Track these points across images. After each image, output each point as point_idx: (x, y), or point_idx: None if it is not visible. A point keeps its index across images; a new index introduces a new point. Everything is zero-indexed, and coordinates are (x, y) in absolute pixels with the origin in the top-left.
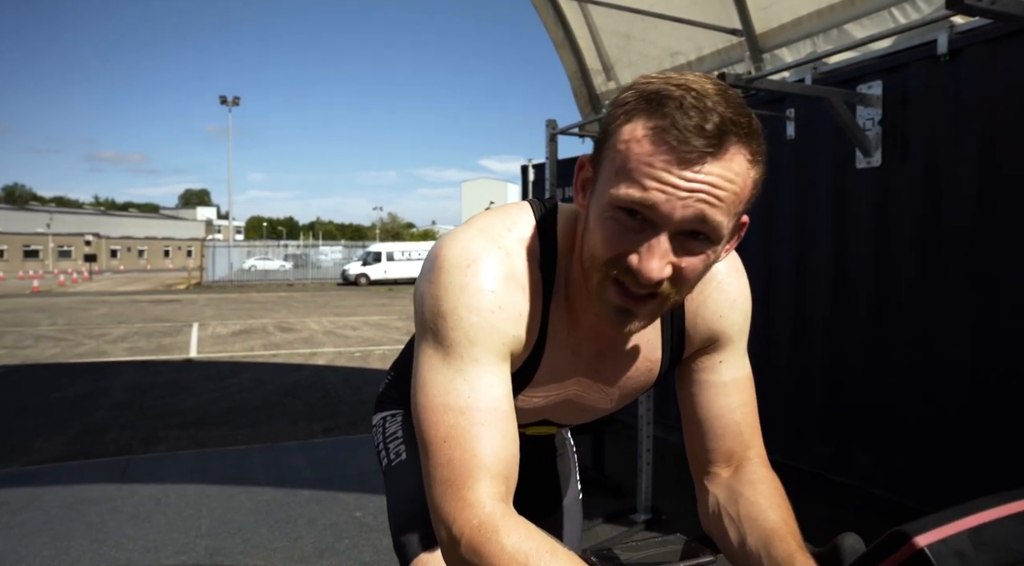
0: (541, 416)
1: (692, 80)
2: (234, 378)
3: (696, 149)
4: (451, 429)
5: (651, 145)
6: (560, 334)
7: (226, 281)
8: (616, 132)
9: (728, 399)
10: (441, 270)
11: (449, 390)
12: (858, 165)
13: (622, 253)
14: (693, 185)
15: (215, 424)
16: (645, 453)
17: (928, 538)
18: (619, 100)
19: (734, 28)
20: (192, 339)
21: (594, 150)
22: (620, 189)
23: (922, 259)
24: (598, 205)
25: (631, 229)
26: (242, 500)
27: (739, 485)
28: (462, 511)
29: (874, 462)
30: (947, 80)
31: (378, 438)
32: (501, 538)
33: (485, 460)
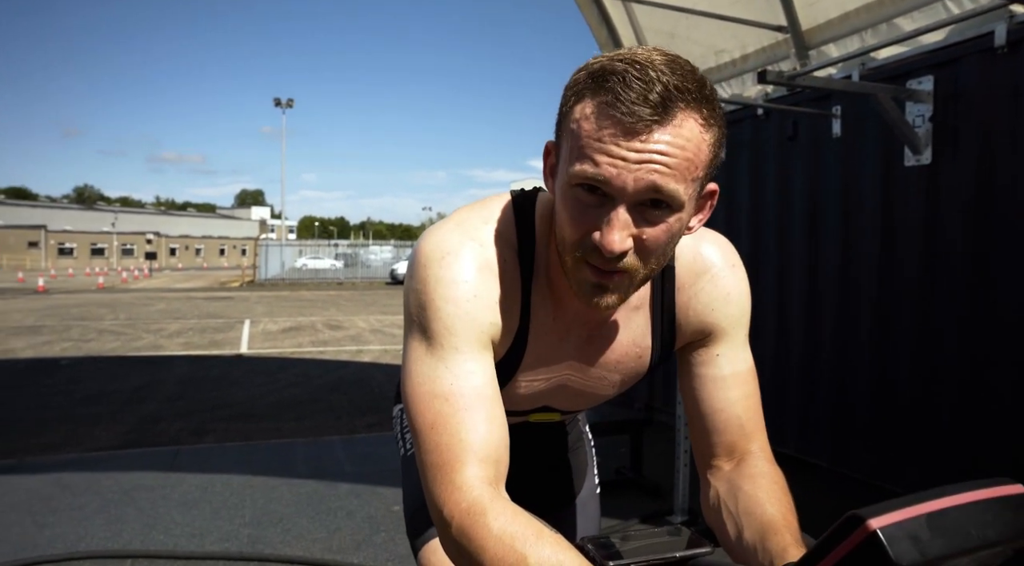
0: (540, 402)
1: (638, 53)
2: (282, 373)
3: (641, 118)
4: (437, 416)
5: (598, 120)
6: (545, 320)
7: (278, 279)
8: (569, 113)
9: (728, 393)
10: (419, 264)
11: (433, 378)
12: (907, 163)
13: (587, 231)
14: (642, 156)
15: (262, 417)
16: (683, 455)
17: (882, 521)
18: (570, 82)
19: (779, 25)
20: (243, 335)
21: (555, 135)
22: (575, 167)
23: (973, 260)
24: (560, 186)
25: (591, 205)
26: (284, 491)
27: (739, 479)
28: (451, 494)
29: None
30: (1005, 74)
31: (396, 429)
32: (488, 520)
33: (471, 444)
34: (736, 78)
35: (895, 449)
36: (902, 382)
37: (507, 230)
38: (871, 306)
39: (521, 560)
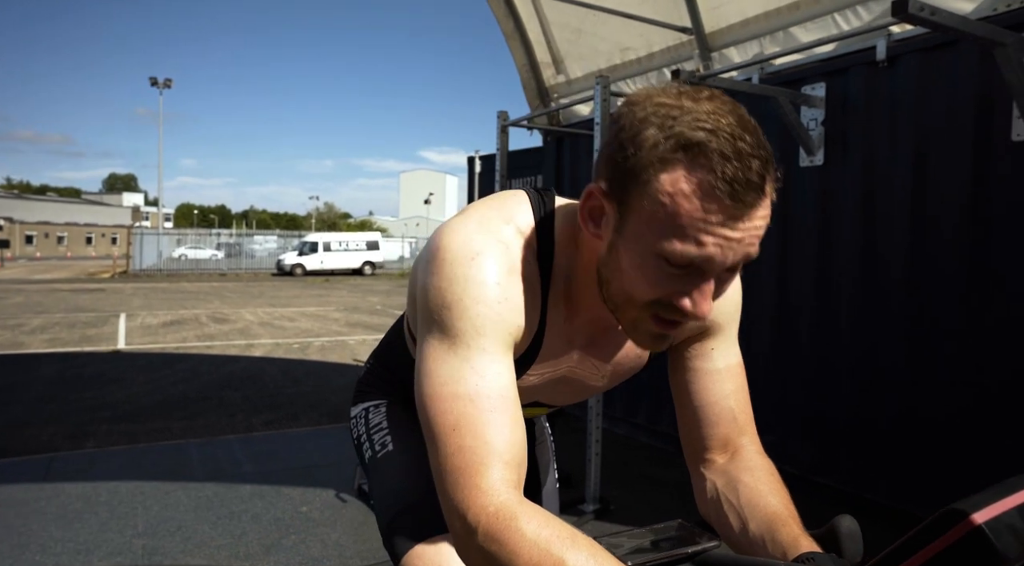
0: (534, 397)
1: (716, 112)
2: (167, 370)
3: (748, 203)
4: (460, 417)
5: (701, 202)
6: (557, 324)
7: (155, 270)
8: (652, 180)
9: (722, 386)
10: (445, 262)
11: (457, 379)
12: (801, 164)
13: (667, 295)
14: (746, 234)
15: (148, 417)
16: (594, 444)
17: (984, 515)
18: (642, 140)
19: (684, 26)
20: (120, 330)
21: (613, 185)
22: (675, 245)
23: (860, 255)
24: (635, 250)
25: (676, 275)
26: (180, 496)
27: (737, 471)
28: (476, 498)
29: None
30: (885, 85)
31: (359, 430)
32: (520, 525)
33: (497, 447)
34: (641, 76)
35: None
36: (802, 373)
37: (529, 234)
38: (771, 300)
39: (559, 562)
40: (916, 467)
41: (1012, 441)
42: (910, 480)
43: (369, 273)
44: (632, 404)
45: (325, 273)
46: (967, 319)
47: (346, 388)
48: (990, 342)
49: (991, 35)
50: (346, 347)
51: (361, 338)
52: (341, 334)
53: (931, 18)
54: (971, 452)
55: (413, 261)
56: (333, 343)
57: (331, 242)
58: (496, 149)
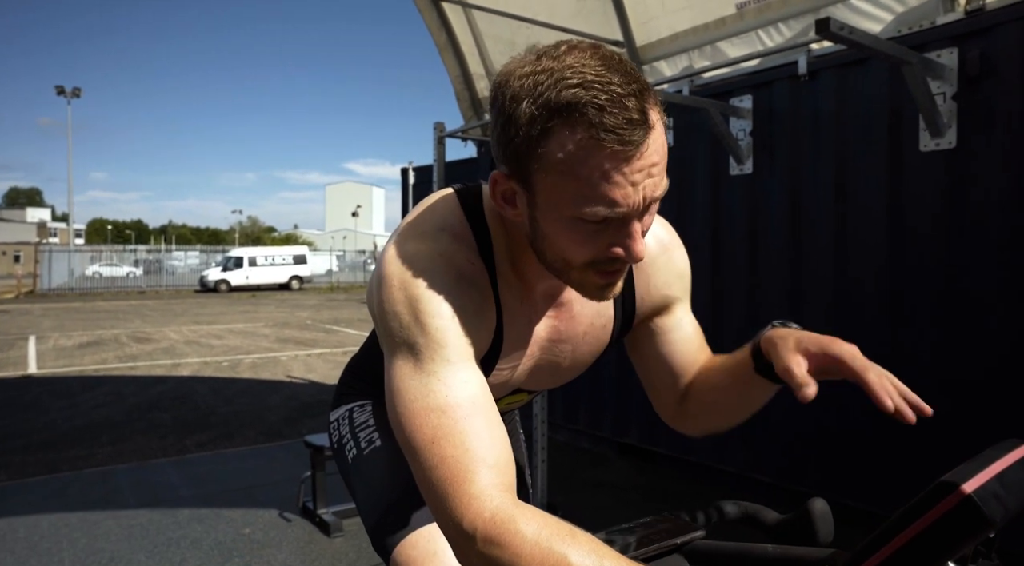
0: (514, 386)
1: (580, 64)
2: (87, 393)
3: (636, 142)
4: (436, 429)
5: (592, 158)
6: (514, 307)
7: (66, 289)
8: (542, 153)
9: (694, 347)
10: (393, 287)
11: (427, 393)
12: (732, 172)
13: (600, 251)
14: (643, 173)
15: (69, 444)
16: (540, 451)
17: (972, 485)
18: (518, 117)
19: (616, 40)
20: (30, 353)
21: (512, 167)
22: (584, 207)
23: (789, 260)
24: (554, 220)
25: (599, 230)
26: (110, 526)
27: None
28: (469, 506)
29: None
30: (807, 98)
31: (342, 431)
32: (520, 526)
33: (479, 452)
34: None
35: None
36: None
37: (464, 232)
38: (706, 304)
39: (562, 560)
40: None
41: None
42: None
43: (297, 288)
44: (572, 410)
45: (251, 288)
46: (889, 320)
47: (281, 405)
48: (908, 341)
49: (899, 54)
50: (278, 363)
51: (293, 354)
52: (272, 350)
53: (849, 36)
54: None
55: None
56: (264, 360)
57: (256, 257)
58: (433, 160)
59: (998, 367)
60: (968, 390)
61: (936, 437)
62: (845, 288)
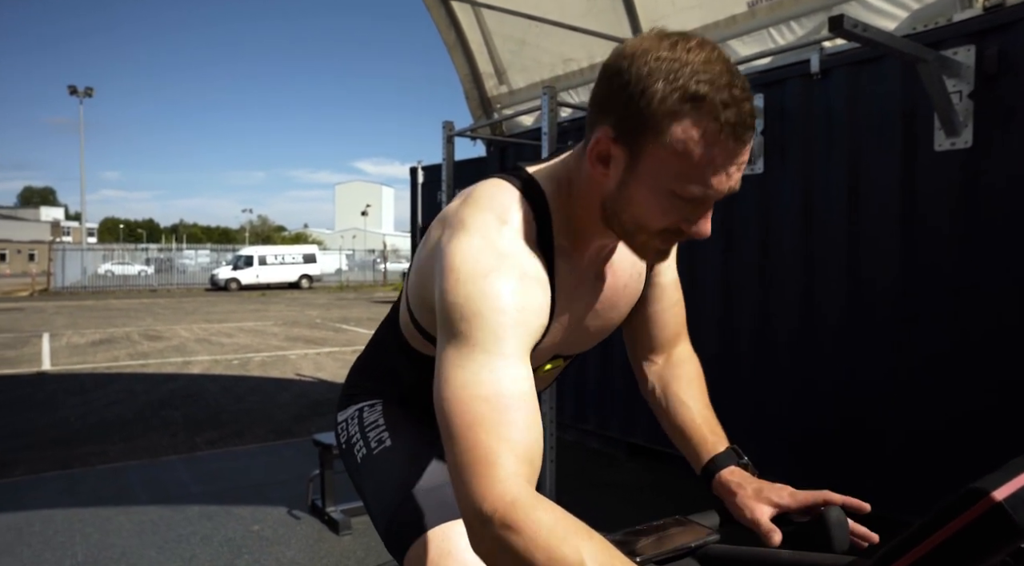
0: (554, 353)
1: (709, 63)
2: (100, 391)
3: (745, 141)
4: (477, 416)
5: (709, 147)
6: (566, 276)
7: (79, 287)
8: (665, 130)
9: (671, 294)
10: (459, 282)
11: (476, 382)
12: None
13: (675, 222)
14: (738, 166)
15: (82, 441)
16: (548, 451)
17: (1003, 492)
18: (651, 93)
19: (625, 38)
20: (44, 350)
21: (623, 133)
22: (687, 185)
23: (801, 261)
24: (648, 189)
25: (684, 205)
26: (122, 522)
27: (668, 378)
28: (492, 488)
29: None
30: (820, 96)
31: (351, 431)
32: (540, 515)
33: (513, 443)
34: (584, 86)
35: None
36: (743, 372)
37: (527, 225)
38: (715, 303)
39: (574, 553)
40: (851, 478)
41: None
42: (893, 486)
43: (306, 286)
44: (581, 410)
45: (261, 287)
46: (903, 321)
47: (290, 404)
48: (922, 342)
49: (915, 52)
50: (287, 362)
51: (302, 352)
52: (281, 349)
53: (863, 34)
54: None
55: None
56: (274, 358)
57: (267, 255)
58: (442, 159)
59: (1017, 368)
60: (986, 392)
61: (954, 441)
62: (857, 289)
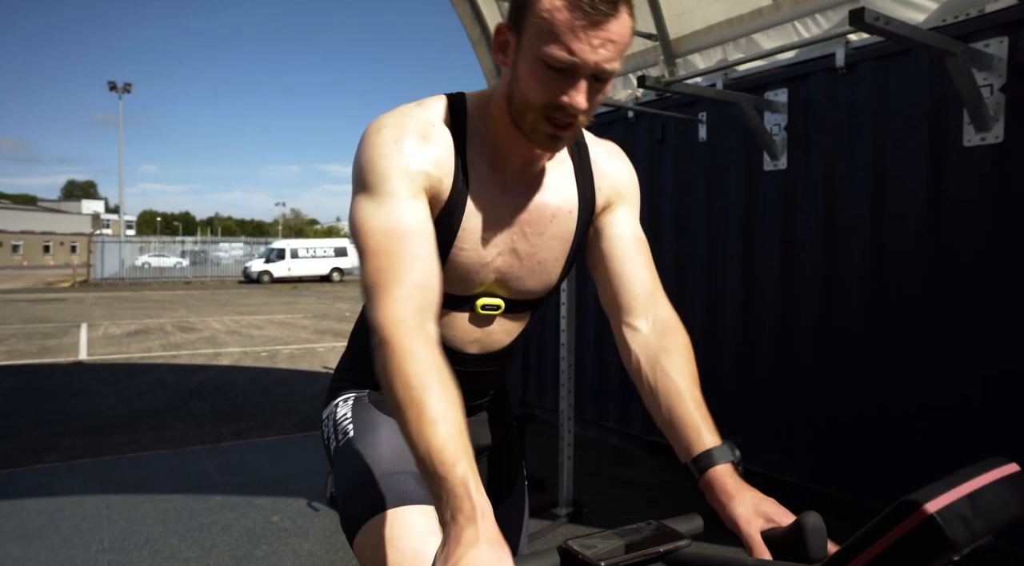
0: (488, 277)
1: None
2: (132, 381)
3: (602, 12)
4: (380, 243)
5: (569, 12)
6: (484, 172)
7: (117, 279)
8: (535, 3)
9: (633, 249)
10: (362, 141)
11: (377, 216)
12: (766, 168)
13: (552, 95)
14: (601, 42)
15: (113, 430)
16: (566, 448)
17: (936, 505)
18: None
19: (649, 33)
20: (81, 340)
21: (512, 18)
22: (550, 50)
23: (824, 258)
24: (527, 61)
25: (557, 77)
26: (147, 509)
27: (656, 352)
28: (385, 306)
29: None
30: (845, 90)
31: (327, 428)
32: (415, 344)
33: (410, 270)
34: None
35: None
36: (763, 372)
37: (437, 107)
38: (737, 302)
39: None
40: (875, 463)
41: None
42: (869, 476)
43: (337, 280)
44: (602, 407)
45: (293, 280)
46: (929, 319)
47: (317, 396)
48: (945, 341)
49: (942, 45)
50: (315, 355)
51: (330, 345)
52: (310, 341)
53: (885, 27)
54: (929, 447)
55: None
56: (302, 351)
57: (298, 249)
58: None
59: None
60: (1019, 387)
61: (982, 438)
62: (882, 287)
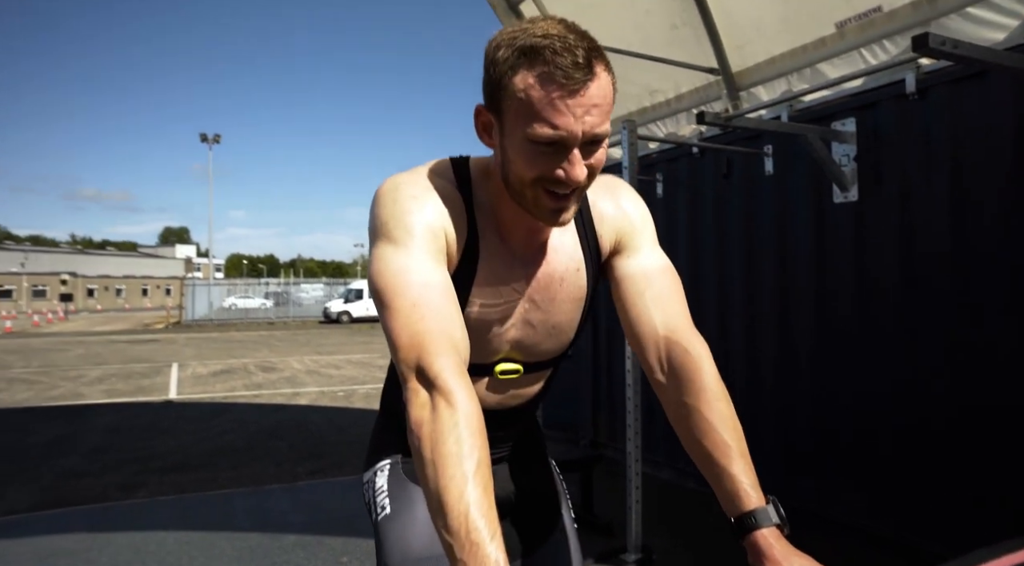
0: (503, 345)
1: (548, 26)
2: (215, 419)
3: (579, 80)
4: (419, 297)
5: (543, 88)
6: (493, 241)
7: (206, 320)
8: (508, 84)
9: (640, 287)
10: (379, 199)
11: (408, 269)
12: (836, 200)
13: (546, 171)
14: (583, 108)
15: (196, 467)
16: (634, 491)
17: None
18: (497, 59)
19: (711, 67)
20: (172, 380)
21: (489, 100)
22: (534, 129)
23: (901, 296)
24: (514, 142)
25: (548, 153)
26: (224, 547)
27: (687, 388)
28: (431, 366)
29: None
30: (916, 117)
31: (367, 495)
32: (447, 415)
33: (450, 328)
34: (671, 117)
35: (835, 479)
36: (842, 412)
37: (445, 170)
38: (807, 339)
39: (457, 474)
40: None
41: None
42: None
43: None
44: (675, 448)
45: (371, 320)
46: (1011, 351)
47: None
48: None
49: (1019, 65)
50: None
51: None
52: None
53: (954, 51)
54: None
55: None
56: (378, 390)
57: None
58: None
59: None
60: None
61: None
62: (966, 329)
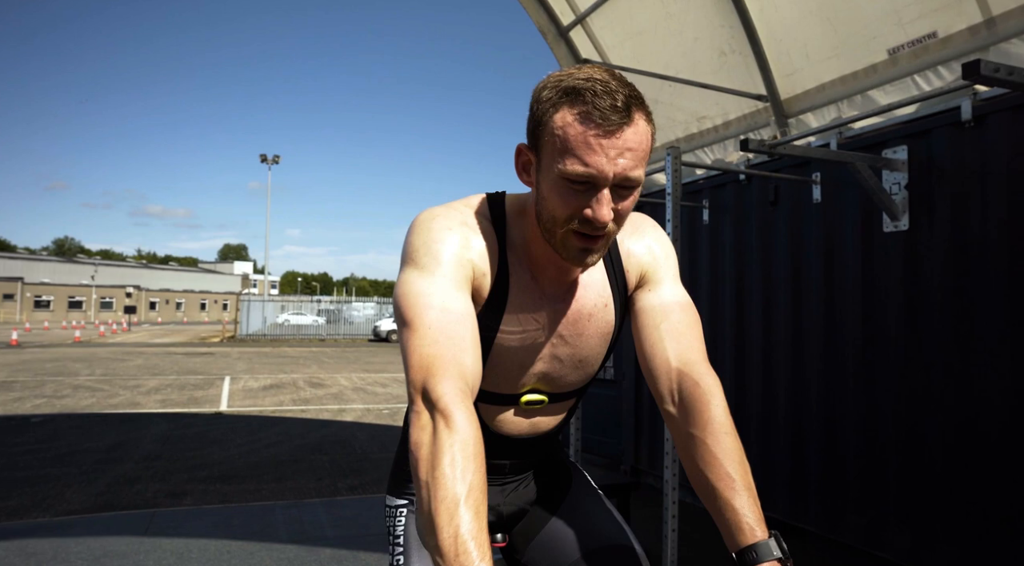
0: (530, 376)
1: (593, 72)
2: (263, 432)
3: (615, 122)
4: (436, 321)
5: (581, 126)
6: (523, 277)
7: (259, 335)
8: (549, 122)
9: (653, 321)
10: (413, 228)
11: (431, 293)
12: (885, 229)
13: (577, 209)
14: (617, 150)
15: (241, 478)
16: (671, 519)
17: None
18: (542, 98)
19: (760, 94)
20: (223, 392)
21: (530, 137)
22: (567, 166)
23: (953, 330)
24: (548, 179)
25: (579, 191)
26: (263, 557)
27: (702, 434)
28: (436, 388)
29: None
30: (973, 146)
31: (389, 526)
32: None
33: (462, 354)
34: (719, 144)
35: (885, 514)
36: (890, 444)
37: (482, 208)
38: (856, 368)
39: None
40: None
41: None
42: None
43: None
44: None
45: None
46: None
47: None
48: None
49: None
50: None
51: None
52: None
53: (1008, 78)
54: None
55: None
56: None
57: None
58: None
59: None
60: None
61: None
62: (1020, 366)
